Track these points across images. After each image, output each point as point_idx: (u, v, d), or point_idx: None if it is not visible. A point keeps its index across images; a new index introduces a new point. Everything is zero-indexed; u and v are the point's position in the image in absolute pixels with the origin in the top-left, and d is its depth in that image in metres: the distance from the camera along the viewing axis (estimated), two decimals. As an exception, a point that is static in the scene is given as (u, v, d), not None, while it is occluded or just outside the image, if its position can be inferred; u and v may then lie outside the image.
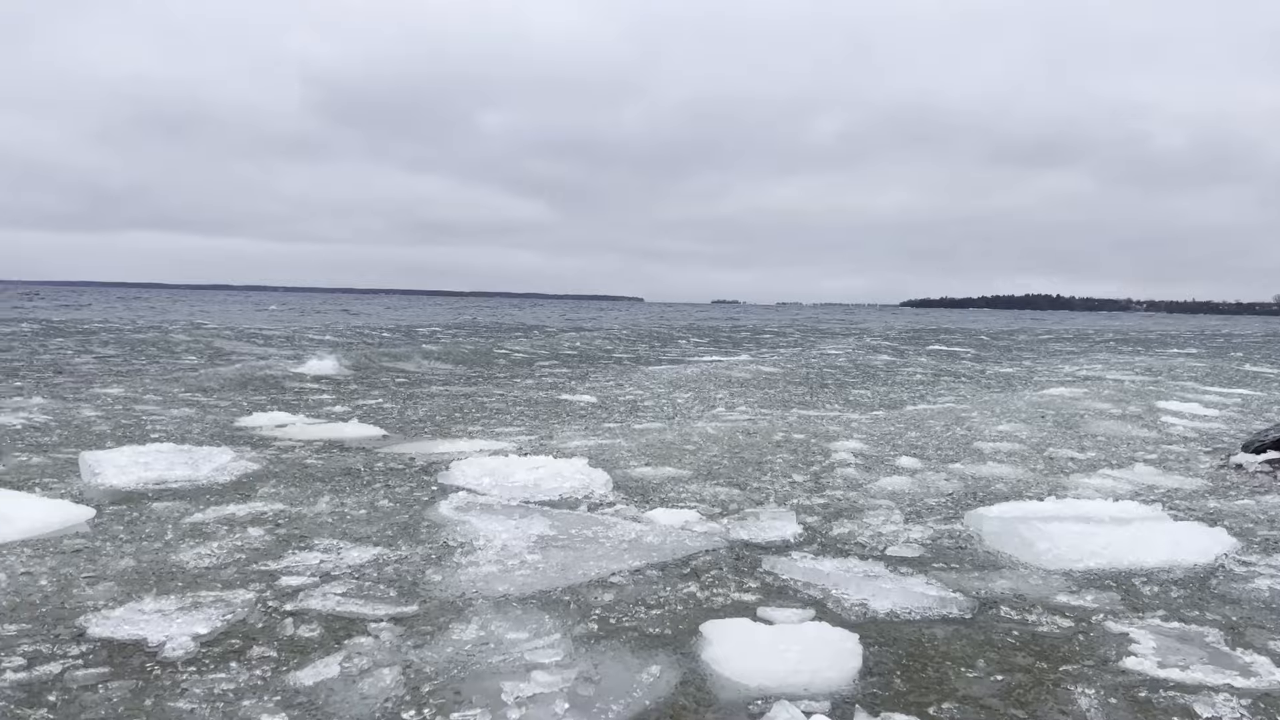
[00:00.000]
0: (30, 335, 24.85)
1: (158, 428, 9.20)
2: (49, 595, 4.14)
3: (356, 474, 7.05)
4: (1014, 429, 10.35)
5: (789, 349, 28.25)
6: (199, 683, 3.26)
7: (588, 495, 6.35)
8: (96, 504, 5.77)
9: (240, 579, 4.46)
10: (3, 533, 4.95)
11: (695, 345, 30.02)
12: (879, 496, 6.66)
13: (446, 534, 5.32)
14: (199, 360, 18.60)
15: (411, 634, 3.80)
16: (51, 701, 3.09)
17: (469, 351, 22.55)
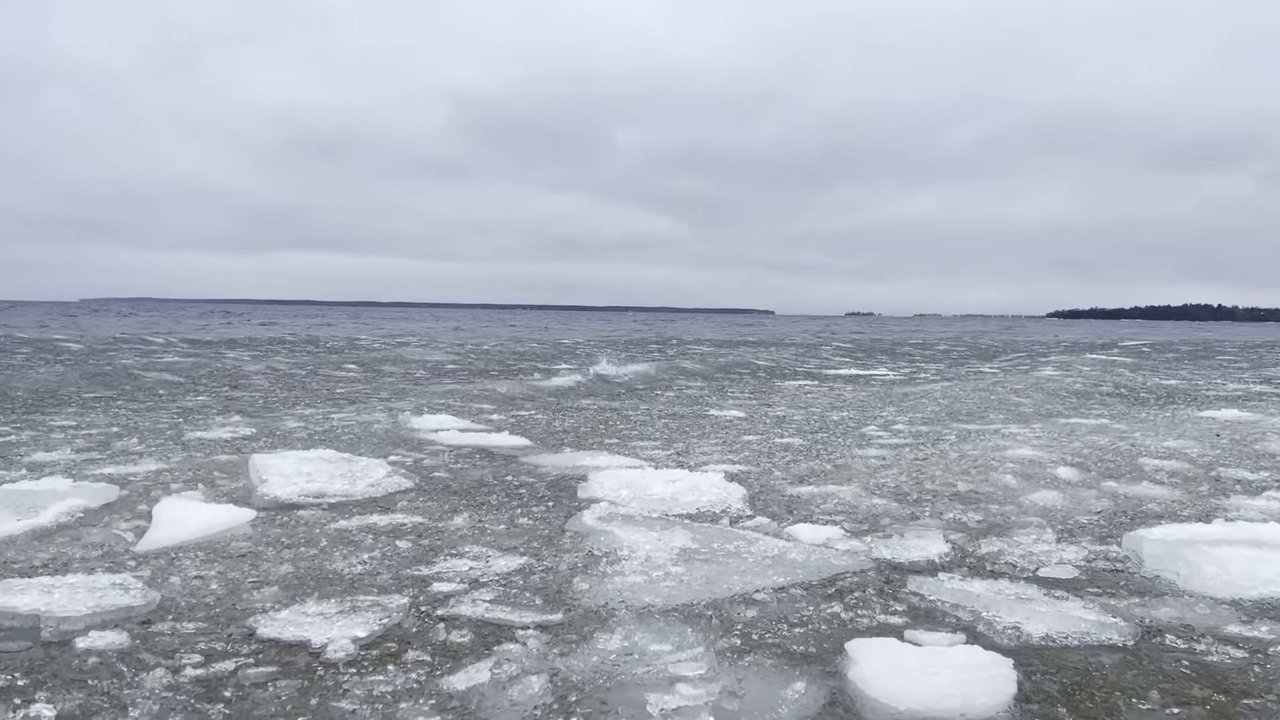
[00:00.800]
0: (245, 348, 26.56)
1: (342, 436, 9.67)
2: (220, 597, 4.39)
3: (502, 485, 7.23)
4: (1181, 446, 9.78)
5: (942, 364, 27.50)
6: (359, 684, 3.40)
7: (726, 509, 6.33)
8: (260, 508, 6.09)
9: (394, 584, 4.63)
10: (175, 534, 5.29)
11: (837, 358, 29.60)
12: (1030, 514, 6.40)
13: (590, 544, 5.39)
14: (399, 370, 19.46)
15: (558, 642, 3.86)
16: (227, 698, 3.27)
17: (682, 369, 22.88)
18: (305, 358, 24.17)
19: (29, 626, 3.89)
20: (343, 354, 26.29)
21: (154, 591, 4.36)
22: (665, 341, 40.46)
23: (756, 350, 33.66)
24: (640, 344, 37.53)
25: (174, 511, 5.42)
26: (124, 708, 3.16)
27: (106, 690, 3.29)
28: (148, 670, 3.47)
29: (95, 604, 4.13)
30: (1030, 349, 39.12)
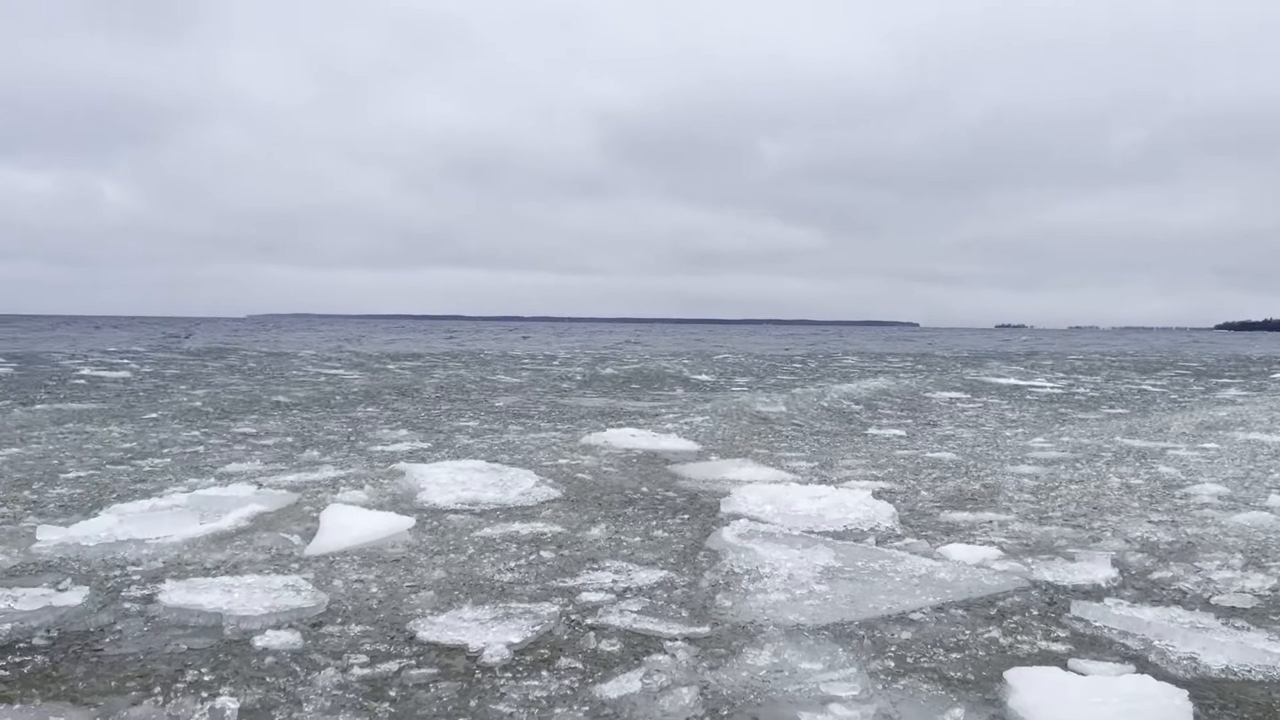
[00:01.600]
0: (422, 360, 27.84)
1: (511, 446, 9.98)
2: (382, 600, 4.59)
3: (644, 499, 7.30)
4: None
5: (1098, 376, 26.25)
6: (515, 688, 3.50)
7: (874, 527, 6.21)
8: (419, 515, 6.34)
9: (544, 593, 4.74)
10: (341, 540, 5.55)
11: (996, 370, 28.62)
12: (1210, 539, 6.02)
13: (731, 560, 5.38)
14: (554, 382, 20.04)
15: (706, 655, 3.88)
16: (393, 697, 3.43)
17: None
18: (464, 370, 25.05)
19: (212, 624, 4.17)
20: (495, 365, 27.09)
21: (322, 594, 4.60)
22: (812, 355, 40.00)
23: (907, 361, 32.91)
24: (781, 359, 37.22)
25: (339, 518, 5.71)
26: (299, 704, 3.34)
27: (283, 687, 3.50)
28: (319, 669, 3.67)
29: (270, 604, 4.39)
30: (1232, 369, 36.81)
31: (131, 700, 3.35)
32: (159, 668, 3.67)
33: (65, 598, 4.50)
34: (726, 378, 23.71)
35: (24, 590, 4.58)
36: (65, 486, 7.56)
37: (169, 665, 3.69)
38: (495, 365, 27.73)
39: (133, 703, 3.33)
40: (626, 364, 29.52)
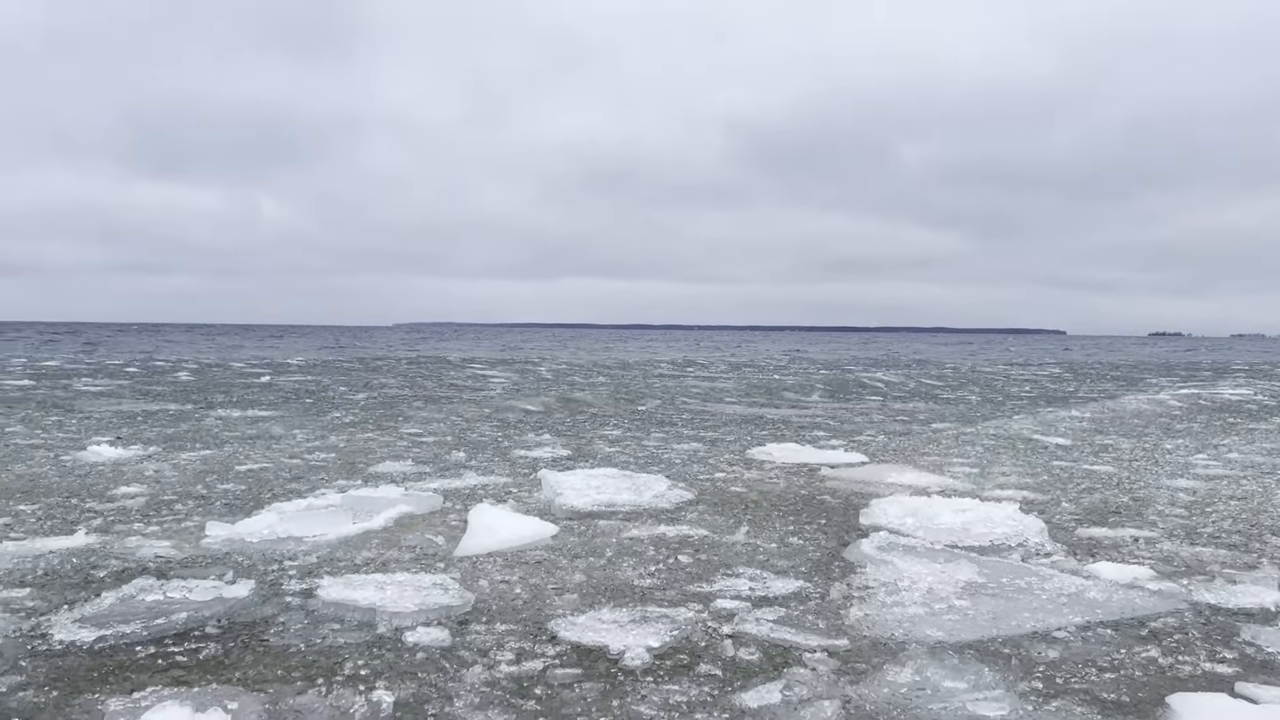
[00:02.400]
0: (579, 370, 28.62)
1: (667, 458, 10.14)
2: (526, 600, 4.73)
3: (783, 506, 7.27)
4: None
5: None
6: (656, 692, 3.55)
7: (1021, 543, 6.01)
8: (556, 520, 6.49)
9: (681, 598, 4.78)
10: (485, 542, 5.74)
11: (1158, 379, 27.25)
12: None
13: (869, 572, 5.31)
14: (700, 393, 20.27)
15: (847, 669, 3.84)
16: (538, 695, 3.53)
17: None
18: (605, 377, 25.45)
19: (366, 620, 4.37)
20: (635, 372, 27.41)
21: (468, 593, 4.76)
22: (963, 368, 38.94)
23: (1066, 371, 31.66)
24: (915, 365, 36.35)
25: (486, 520, 5.90)
26: (450, 699, 3.48)
27: (434, 682, 3.64)
28: (467, 666, 3.81)
29: (420, 602, 4.58)
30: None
31: (297, 689, 3.55)
32: (319, 659, 3.88)
33: (233, 590, 4.81)
34: (955, 391, 23.24)
35: (197, 582, 4.91)
36: (234, 482, 8.12)
37: (328, 657, 3.89)
38: (637, 371, 28.03)
39: (298, 691, 3.53)
40: (812, 373, 29.36)
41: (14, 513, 6.81)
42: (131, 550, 5.65)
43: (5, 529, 6.27)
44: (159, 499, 7.34)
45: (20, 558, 5.44)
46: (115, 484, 7.94)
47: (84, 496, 7.42)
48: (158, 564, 5.35)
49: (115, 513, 6.82)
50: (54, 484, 7.97)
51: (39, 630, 4.18)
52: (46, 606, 4.55)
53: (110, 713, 3.30)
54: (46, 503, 7.18)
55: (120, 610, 4.46)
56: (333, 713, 3.35)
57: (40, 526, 6.35)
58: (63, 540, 5.86)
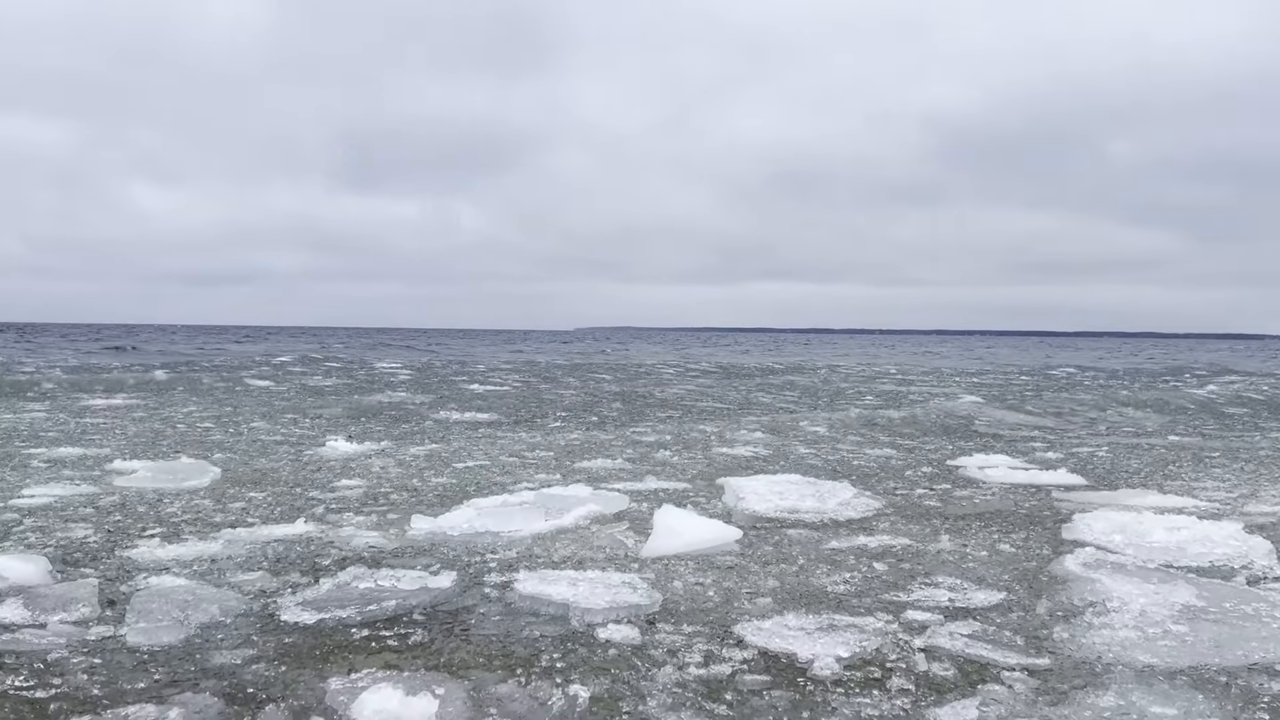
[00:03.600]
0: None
1: (858, 466, 10.10)
2: (715, 604, 4.78)
3: (981, 517, 7.04)
4: None
5: None
6: (846, 704, 3.51)
7: (1246, 565, 5.56)
8: (740, 525, 6.51)
9: (871, 608, 4.71)
10: (673, 545, 5.82)
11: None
12: None
13: (1074, 590, 5.05)
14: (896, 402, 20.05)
15: (1046, 690, 3.68)
16: (729, 700, 3.56)
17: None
18: (813, 380, 25.36)
19: (560, 614, 4.53)
20: (834, 378, 27.15)
21: (656, 593, 4.86)
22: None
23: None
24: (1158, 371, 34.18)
25: (669, 522, 5.99)
26: (642, 697, 3.56)
27: (626, 680, 3.74)
28: (658, 666, 3.88)
29: (610, 600, 4.70)
30: None
31: (498, 678, 3.72)
32: (517, 650, 4.05)
33: (437, 580, 5.09)
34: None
35: (405, 572, 5.22)
36: (448, 477, 8.68)
37: (525, 649, 4.06)
38: (831, 376, 27.72)
39: (499, 680, 3.70)
40: (1013, 378, 28.38)
41: (247, 499, 7.48)
42: (345, 539, 6.08)
43: (241, 515, 6.90)
44: (375, 491, 7.90)
45: (251, 543, 5.96)
46: (340, 477, 8.59)
47: (308, 488, 8.06)
48: (369, 553, 5.73)
49: (336, 503, 7.38)
50: (285, 476, 8.70)
51: (268, 610, 4.57)
52: (273, 589, 4.96)
53: (331, 690, 3.57)
54: (275, 492, 7.85)
55: (337, 595, 4.81)
56: (531, 703, 3.50)
57: (269, 514, 6.94)
58: (286, 528, 6.39)
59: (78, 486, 7.81)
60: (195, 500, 7.39)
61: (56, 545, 5.82)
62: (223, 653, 3.98)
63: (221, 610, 4.51)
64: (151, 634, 4.17)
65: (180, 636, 4.16)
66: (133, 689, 3.58)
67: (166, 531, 6.27)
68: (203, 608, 4.51)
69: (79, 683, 3.63)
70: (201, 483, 8.05)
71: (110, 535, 6.14)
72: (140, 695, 3.52)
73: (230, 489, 7.90)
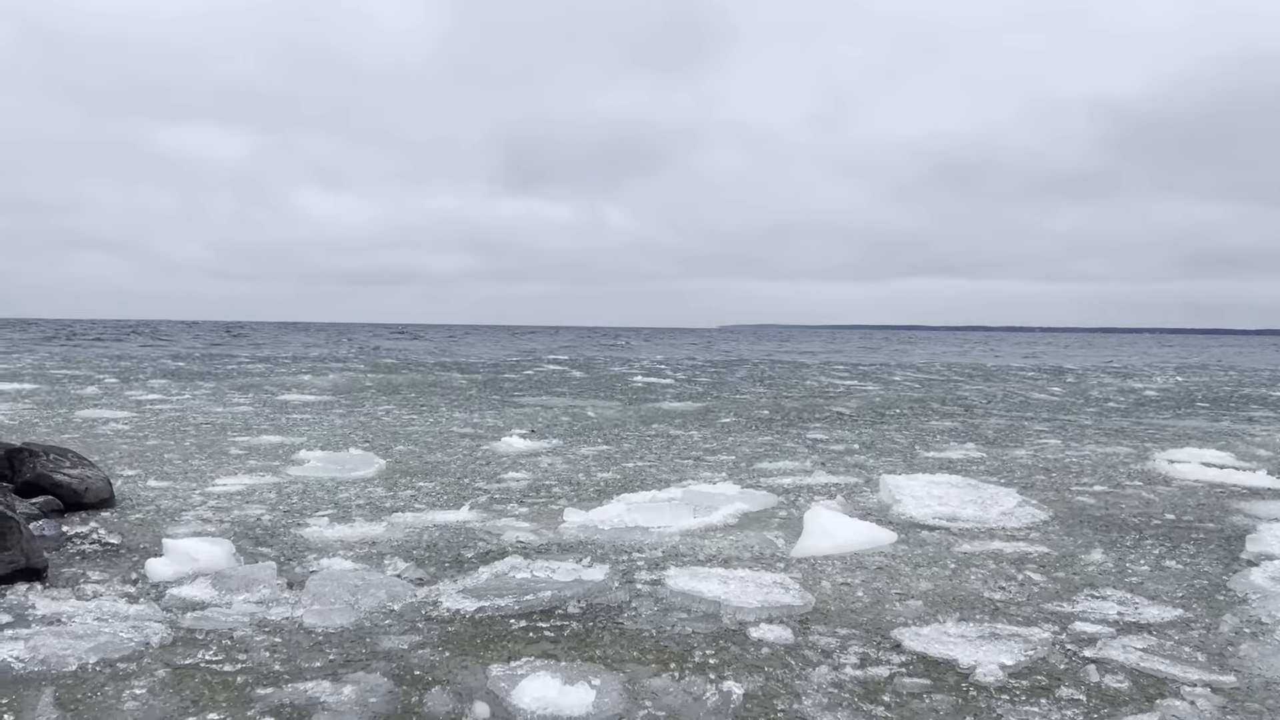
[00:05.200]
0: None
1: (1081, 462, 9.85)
2: (867, 605, 4.68)
3: (1157, 526, 6.66)
4: None
5: None
6: (1013, 712, 3.39)
7: None
8: (895, 526, 6.36)
9: (1034, 617, 4.52)
10: (822, 545, 5.74)
11: None
12: None
13: (1260, 605, 4.72)
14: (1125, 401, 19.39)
15: (1234, 708, 3.45)
16: (887, 702, 3.49)
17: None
18: (1013, 384, 24.63)
19: (711, 612, 4.53)
20: (1043, 380, 26.31)
21: (809, 594, 4.80)
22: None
23: None
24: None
25: (821, 522, 5.91)
26: (797, 695, 3.53)
27: (780, 678, 3.71)
28: (812, 666, 3.84)
29: (762, 599, 4.67)
30: None
31: (651, 671, 3.76)
32: (670, 645, 4.07)
33: (590, 573, 5.17)
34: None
35: (559, 564, 5.33)
36: (614, 473, 8.86)
37: (678, 645, 4.08)
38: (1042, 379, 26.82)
39: (653, 674, 3.73)
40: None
41: (416, 488, 7.84)
42: (501, 530, 6.26)
43: (410, 501, 7.24)
44: (539, 484, 8.13)
45: (414, 529, 6.22)
46: (509, 470, 8.88)
47: (475, 478, 8.38)
48: (524, 545, 5.88)
49: (500, 493, 7.66)
50: (459, 467, 9.07)
51: (430, 597, 4.74)
52: (435, 576, 5.15)
53: (493, 677, 3.68)
54: (443, 481, 8.19)
55: (495, 585, 4.95)
56: (686, 698, 3.51)
57: (435, 501, 7.26)
58: (450, 514, 6.66)
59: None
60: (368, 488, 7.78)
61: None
62: (391, 637, 4.16)
63: (389, 595, 4.72)
64: (326, 615, 4.40)
65: (351, 619, 4.37)
66: (310, 667, 3.79)
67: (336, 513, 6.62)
68: (371, 593, 4.72)
69: (261, 659, 3.87)
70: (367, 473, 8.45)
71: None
72: (317, 673, 3.72)
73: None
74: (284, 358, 32.40)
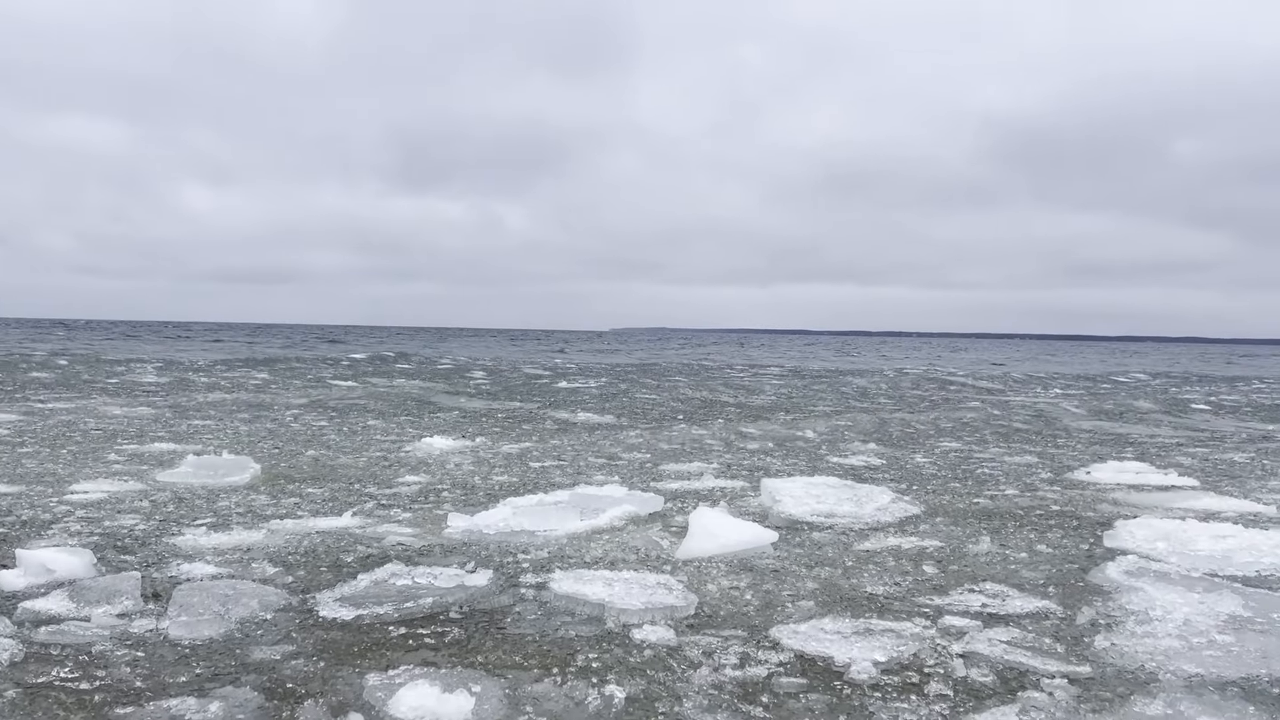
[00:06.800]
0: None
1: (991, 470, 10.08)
2: (748, 604, 4.76)
3: (1026, 523, 6.95)
4: None
5: None
6: (884, 709, 3.48)
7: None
8: (777, 526, 6.48)
9: (907, 611, 4.67)
10: (708, 547, 5.80)
11: None
12: None
13: (1117, 599, 4.98)
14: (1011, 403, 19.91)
15: (1089, 698, 3.62)
16: (765, 702, 3.54)
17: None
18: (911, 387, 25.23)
19: (595, 615, 4.53)
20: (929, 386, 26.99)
21: (692, 594, 4.84)
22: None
23: None
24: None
25: (705, 523, 5.96)
26: (678, 698, 3.55)
27: (662, 681, 3.73)
28: (694, 667, 3.87)
29: (646, 600, 4.69)
30: None
31: (533, 677, 3.73)
32: (553, 650, 4.05)
33: (473, 579, 5.10)
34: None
35: (441, 569, 5.25)
36: (513, 475, 8.75)
37: (561, 649, 4.07)
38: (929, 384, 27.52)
39: (534, 680, 3.70)
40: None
41: (303, 495, 7.62)
42: (384, 536, 6.13)
43: (293, 508, 7.04)
44: (431, 488, 8.00)
45: (294, 535, 6.04)
46: (406, 474, 8.69)
47: (368, 484, 8.19)
48: (407, 550, 5.76)
49: (389, 499, 7.51)
50: (357, 472, 8.83)
51: (306, 606, 4.61)
52: (312, 584, 5.00)
53: (369, 686, 3.59)
54: (333, 487, 7.98)
55: (374, 592, 4.84)
56: (567, 703, 3.50)
57: (320, 508, 7.06)
58: (333, 521, 6.51)
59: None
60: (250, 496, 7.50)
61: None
62: (262, 648, 4.02)
63: (261, 604, 4.56)
64: (193, 627, 4.22)
65: (220, 631, 4.21)
66: (174, 682, 3.63)
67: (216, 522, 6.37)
68: (242, 602, 4.56)
69: (121, 675, 3.68)
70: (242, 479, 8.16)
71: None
72: (182, 689, 3.56)
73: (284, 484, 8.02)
74: (182, 362, 30.84)
